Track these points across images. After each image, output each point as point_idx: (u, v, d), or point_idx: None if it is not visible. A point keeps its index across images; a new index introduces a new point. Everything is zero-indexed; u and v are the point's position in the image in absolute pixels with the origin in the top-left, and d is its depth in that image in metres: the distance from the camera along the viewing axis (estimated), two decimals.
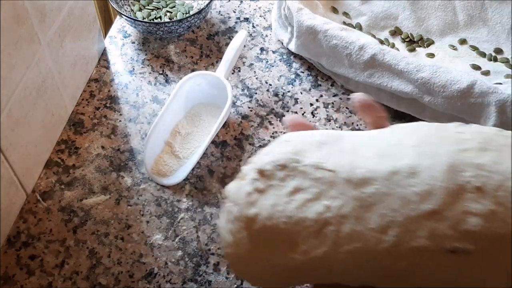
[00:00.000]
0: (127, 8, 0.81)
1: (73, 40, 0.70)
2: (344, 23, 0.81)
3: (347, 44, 0.70)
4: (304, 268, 0.36)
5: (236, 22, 0.84)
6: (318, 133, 0.40)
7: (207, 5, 0.77)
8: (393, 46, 0.78)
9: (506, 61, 0.76)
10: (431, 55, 0.77)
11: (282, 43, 0.80)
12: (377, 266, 0.35)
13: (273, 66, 0.79)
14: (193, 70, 0.78)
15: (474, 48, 0.78)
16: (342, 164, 0.37)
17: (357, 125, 0.73)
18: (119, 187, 0.66)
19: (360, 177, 0.36)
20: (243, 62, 0.79)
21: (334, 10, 0.82)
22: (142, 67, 0.78)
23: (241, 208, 0.38)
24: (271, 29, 0.83)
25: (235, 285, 0.60)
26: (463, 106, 0.65)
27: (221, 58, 0.76)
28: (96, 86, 0.76)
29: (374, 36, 0.79)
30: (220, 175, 0.68)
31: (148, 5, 0.82)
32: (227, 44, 0.81)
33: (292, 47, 0.77)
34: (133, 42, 0.81)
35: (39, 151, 0.67)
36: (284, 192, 0.37)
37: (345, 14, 0.82)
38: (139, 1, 0.82)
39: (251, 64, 0.79)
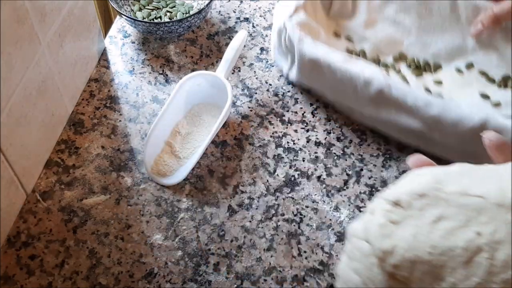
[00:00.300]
0: (127, 8, 0.81)
1: (73, 40, 0.70)
2: (348, 49, 0.77)
3: (353, 77, 0.66)
4: None
5: (236, 22, 0.84)
6: (455, 164, 0.38)
7: (207, 5, 0.77)
8: (399, 71, 0.74)
9: None
10: (439, 83, 0.73)
11: (282, 72, 0.77)
12: None
13: (273, 66, 0.79)
14: (193, 70, 0.78)
15: (483, 73, 0.74)
16: (489, 190, 0.34)
17: (357, 125, 0.73)
18: (119, 187, 0.66)
19: None
20: (243, 62, 0.79)
21: (337, 34, 0.78)
22: (142, 67, 0.78)
23: (373, 243, 0.36)
24: (271, 29, 0.83)
25: (235, 285, 0.60)
26: (475, 142, 0.59)
27: (221, 58, 0.76)
28: (96, 86, 0.76)
29: (379, 62, 0.75)
30: (220, 175, 0.68)
31: (148, 5, 0.82)
32: (227, 44, 0.81)
33: (293, 76, 0.74)
34: (133, 42, 0.81)
35: (39, 151, 0.67)
36: (425, 222, 0.35)
37: (348, 39, 0.78)
38: (139, 1, 0.82)
39: (251, 64, 0.79)
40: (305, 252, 0.62)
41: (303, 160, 0.69)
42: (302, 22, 0.71)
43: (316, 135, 0.72)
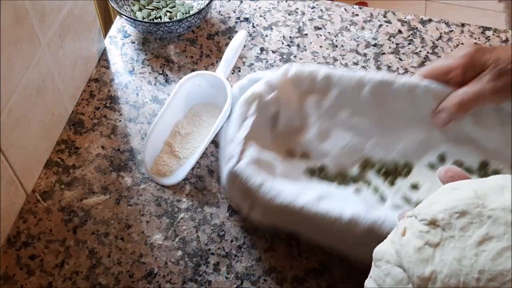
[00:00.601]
0: (127, 8, 0.81)
1: (73, 40, 0.70)
2: (307, 170, 0.64)
3: (332, 219, 0.55)
4: None
5: (236, 22, 0.84)
6: (493, 178, 0.35)
7: (207, 5, 0.77)
8: (369, 184, 0.64)
9: (497, 172, 0.64)
10: (415, 187, 0.64)
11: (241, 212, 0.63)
12: None
13: (273, 66, 0.79)
14: (193, 70, 0.78)
15: (459, 163, 0.65)
16: None
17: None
18: (119, 187, 0.66)
19: None
20: (243, 62, 0.79)
21: (291, 153, 0.66)
22: (142, 67, 0.78)
23: (409, 269, 0.32)
24: (271, 29, 0.83)
25: (235, 285, 0.60)
26: None
27: (221, 58, 0.76)
28: (96, 86, 0.76)
29: (345, 177, 0.64)
30: (220, 175, 0.68)
31: (148, 5, 0.82)
32: (227, 44, 0.81)
33: (257, 219, 0.61)
34: (133, 42, 0.81)
35: (39, 151, 0.67)
36: (469, 243, 0.31)
37: (305, 156, 0.66)
38: (139, 1, 0.82)
39: (251, 64, 0.79)
40: (305, 252, 0.62)
41: None
42: (253, 159, 0.59)
43: None
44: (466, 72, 0.61)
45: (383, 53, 0.80)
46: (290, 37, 0.82)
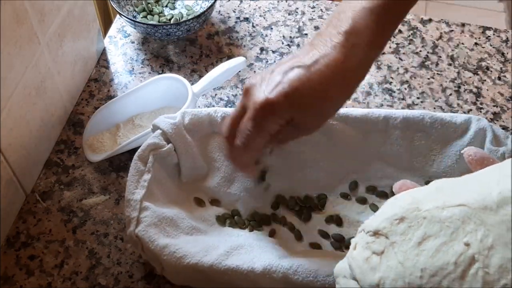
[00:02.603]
0: (129, 8, 0.81)
1: (73, 40, 0.70)
2: (219, 217, 0.61)
3: (244, 273, 0.53)
4: None
5: (236, 22, 0.84)
6: (432, 182, 0.36)
7: (206, 9, 0.77)
8: (284, 224, 0.62)
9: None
10: (338, 222, 0.62)
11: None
12: None
13: None
14: (193, 70, 0.78)
15: (372, 188, 0.64)
16: (470, 196, 0.33)
17: None
18: (119, 187, 0.66)
19: (498, 199, 0.32)
20: None
21: (200, 201, 0.62)
22: (141, 67, 0.78)
23: (360, 279, 0.34)
24: (271, 29, 0.83)
25: None
26: None
27: (221, 58, 0.76)
28: (95, 86, 0.76)
29: (259, 219, 0.61)
30: None
31: (148, 6, 0.82)
32: (227, 44, 0.81)
33: (170, 276, 0.57)
34: (133, 42, 0.81)
35: (39, 151, 0.67)
36: (410, 246, 0.33)
37: (215, 202, 0.62)
38: (140, 2, 0.82)
39: (251, 64, 0.79)
40: None
41: None
42: (154, 220, 0.55)
43: None
44: None
45: (383, 53, 0.80)
46: (290, 37, 0.82)
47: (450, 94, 0.76)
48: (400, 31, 0.83)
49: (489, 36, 0.83)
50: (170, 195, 0.60)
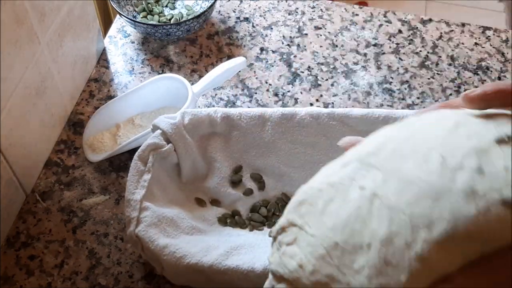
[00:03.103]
0: (129, 8, 0.81)
1: (73, 40, 0.70)
2: (220, 218, 0.61)
3: (245, 273, 0.53)
4: None
5: (236, 22, 0.84)
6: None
7: (206, 9, 0.77)
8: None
9: None
10: None
11: None
12: None
13: (273, 66, 0.79)
14: (193, 70, 0.78)
15: None
16: (350, 159, 0.36)
17: None
18: (119, 187, 0.66)
19: (376, 145, 0.35)
20: None
21: (200, 201, 0.62)
22: (141, 67, 0.78)
23: (285, 272, 0.35)
24: (271, 29, 0.83)
25: None
26: None
27: (221, 58, 0.76)
28: (95, 86, 0.76)
29: (259, 219, 0.61)
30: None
31: (148, 6, 0.82)
32: (227, 44, 0.81)
33: (170, 276, 0.57)
34: (133, 42, 0.81)
35: (39, 151, 0.67)
36: (316, 218, 0.35)
37: (215, 202, 0.63)
38: (140, 2, 0.82)
39: (251, 64, 0.79)
40: None
41: None
42: (154, 220, 0.55)
43: None
44: None
45: (383, 53, 0.80)
46: (290, 37, 0.82)
47: (450, 94, 0.76)
48: (400, 31, 0.83)
49: (489, 36, 0.83)
50: (170, 195, 0.60)
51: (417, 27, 0.84)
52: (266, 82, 0.77)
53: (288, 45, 0.81)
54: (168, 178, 0.60)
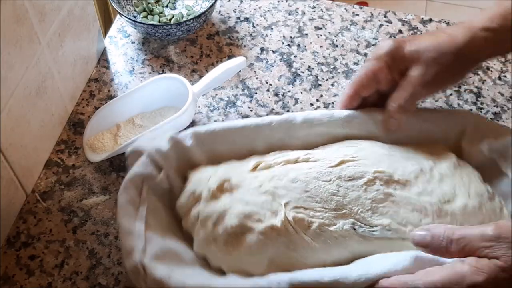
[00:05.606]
0: (129, 8, 0.81)
1: (73, 40, 0.70)
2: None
3: None
4: None
5: (236, 22, 0.84)
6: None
7: (207, 9, 0.77)
8: None
9: None
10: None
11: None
12: None
13: (273, 66, 0.79)
14: (193, 70, 0.78)
15: None
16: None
17: None
18: (119, 188, 0.66)
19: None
20: None
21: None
22: (142, 67, 0.78)
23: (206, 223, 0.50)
24: (271, 29, 0.83)
25: None
26: None
27: (221, 58, 0.76)
28: (96, 86, 0.76)
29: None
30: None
31: (148, 6, 0.82)
32: (227, 44, 0.81)
33: None
34: (133, 42, 0.81)
35: (39, 151, 0.67)
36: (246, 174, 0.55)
37: None
38: (141, 2, 0.82)
39: (251, 64, 0.79)
40: None
41: None
42: (157, 251, 0.51)
43: None
44: (391, 70, 0.60)
45: None
46: (291, 37, 0.82)
47: (451, 94, 0.76)
48: (400, 31, 0.83)
49: None
50: (164, 226, 0.56)
51: (417, 27, 0.84)
52: (267, 82, 0.77)
53: (288, 45, 0.81)
54: (160, 203, 0.56)
